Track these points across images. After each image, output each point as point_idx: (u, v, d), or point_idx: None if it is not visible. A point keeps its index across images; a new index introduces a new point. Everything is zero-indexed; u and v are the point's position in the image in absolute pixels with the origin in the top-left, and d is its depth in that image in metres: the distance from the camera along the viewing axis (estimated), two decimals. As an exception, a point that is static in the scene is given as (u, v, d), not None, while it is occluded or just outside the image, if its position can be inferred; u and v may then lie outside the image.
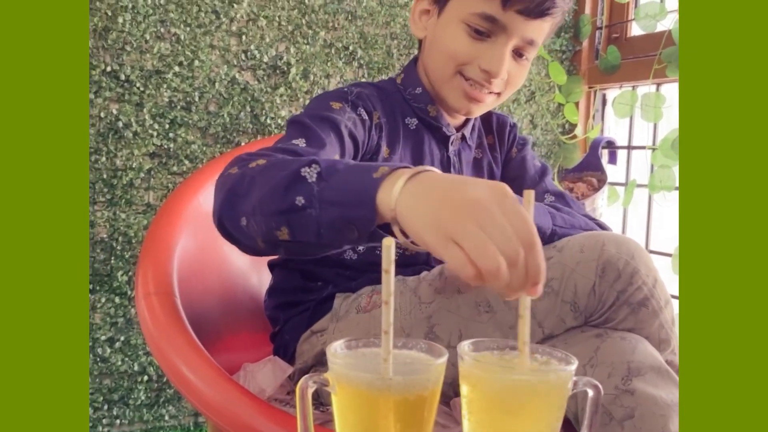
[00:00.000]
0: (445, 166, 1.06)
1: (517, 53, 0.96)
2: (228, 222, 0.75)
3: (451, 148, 1.06)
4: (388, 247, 0.54)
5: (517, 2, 0.92)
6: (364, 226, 0.65)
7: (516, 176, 1.13)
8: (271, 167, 0.72)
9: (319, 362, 1.02)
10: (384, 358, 0.55)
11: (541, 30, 0.97)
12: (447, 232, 0.56)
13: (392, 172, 0.64)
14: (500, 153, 1.14)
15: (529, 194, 0.57)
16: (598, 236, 0.88)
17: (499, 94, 0.99)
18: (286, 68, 1.71)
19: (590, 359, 0.84)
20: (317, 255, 0.75)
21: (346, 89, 0.99)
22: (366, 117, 0.96)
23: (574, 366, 0.57)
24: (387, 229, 0.65)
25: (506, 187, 0.58)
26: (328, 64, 1.77)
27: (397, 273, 0.77)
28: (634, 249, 0.87)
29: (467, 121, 1.08)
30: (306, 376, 0.57)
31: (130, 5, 1.53)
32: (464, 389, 0.58)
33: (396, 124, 1.01)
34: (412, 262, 1.04)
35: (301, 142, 0.84)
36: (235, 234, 0.76)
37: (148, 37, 1.56)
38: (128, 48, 1.54)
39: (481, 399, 0.57)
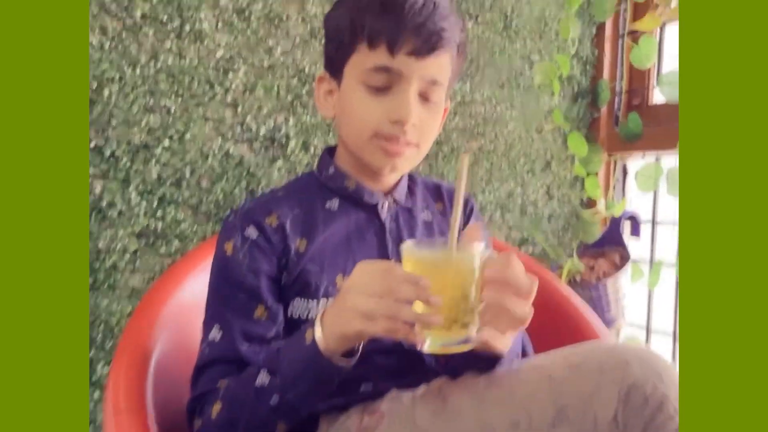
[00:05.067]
0: (380, 235, 1.04)
1: (423, 97, 0.96)
2: None
3: (383, 214, 1.04)
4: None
5: (403, 45, 0.92)
6: (331, 372, 0.81)
7: None
8: (231, 405, 0.86)
9: None
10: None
11: (440, 67, 0.96)
12: (351, 311, 0.77)
13: (311, 326, 0.82)
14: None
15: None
16: (620, 353, 0.82)
17: (418, 145, 0.98)
18: (284, 140, 1.60)
19: None
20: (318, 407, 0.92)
21: (232, 217, 0.99)
22: (255, 235, 0.97)
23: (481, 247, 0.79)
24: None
25: (371, 262, 0.80)
26: (330, 135, 1.66)
27: (391, 384, 0.93)
28: (662, 368, 0.79)
29: (397, 184, 1.07)
30: None
31: (117, 76, 1.43)
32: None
33: (312, 212, 1.01)
34: (409, 370, 0.95)
35: (217, 335, 0.95)
36: None
37: (135, 109, 1.45)
38: (114, 122, 1.43)
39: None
